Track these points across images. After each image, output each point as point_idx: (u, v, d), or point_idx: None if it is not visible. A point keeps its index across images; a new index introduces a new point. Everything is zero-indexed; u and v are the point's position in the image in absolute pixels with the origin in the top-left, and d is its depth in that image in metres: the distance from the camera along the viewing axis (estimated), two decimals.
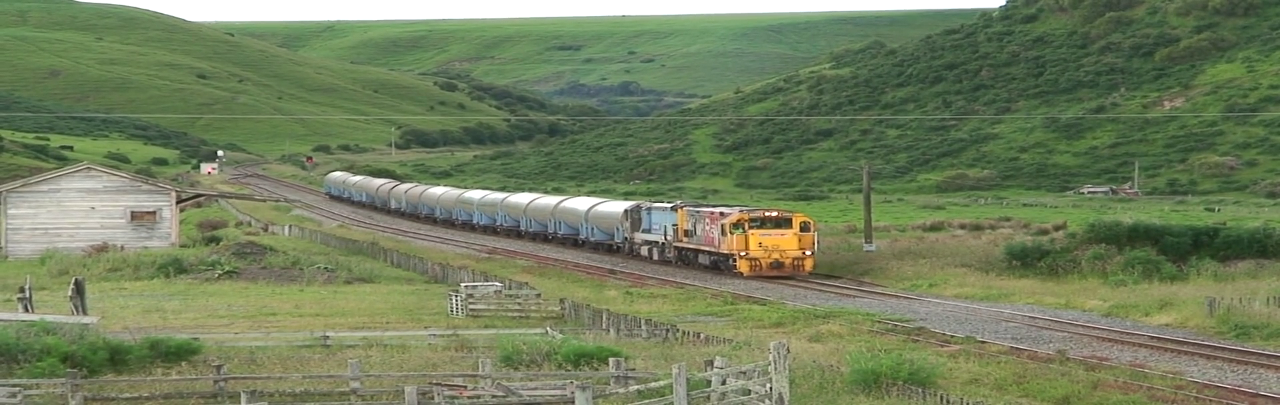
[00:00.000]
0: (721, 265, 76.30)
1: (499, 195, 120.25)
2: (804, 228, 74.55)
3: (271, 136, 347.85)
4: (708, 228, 77.08)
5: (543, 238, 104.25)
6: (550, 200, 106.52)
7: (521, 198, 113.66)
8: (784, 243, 73.84)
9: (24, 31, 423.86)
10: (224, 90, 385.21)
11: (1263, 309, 50.78)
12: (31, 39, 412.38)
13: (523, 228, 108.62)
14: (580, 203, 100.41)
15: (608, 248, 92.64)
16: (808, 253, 74.08)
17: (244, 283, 68.57)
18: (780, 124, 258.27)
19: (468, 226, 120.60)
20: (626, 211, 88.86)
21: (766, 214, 75.95)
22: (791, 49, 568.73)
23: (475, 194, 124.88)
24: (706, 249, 77.58)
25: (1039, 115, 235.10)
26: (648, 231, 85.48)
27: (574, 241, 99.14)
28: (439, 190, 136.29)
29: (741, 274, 73.47)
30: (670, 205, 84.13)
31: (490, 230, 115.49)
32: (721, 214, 76.52)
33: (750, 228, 74.05)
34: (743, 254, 73.72)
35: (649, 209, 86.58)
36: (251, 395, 31.35)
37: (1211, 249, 69.80)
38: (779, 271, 73.35)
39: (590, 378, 34.34)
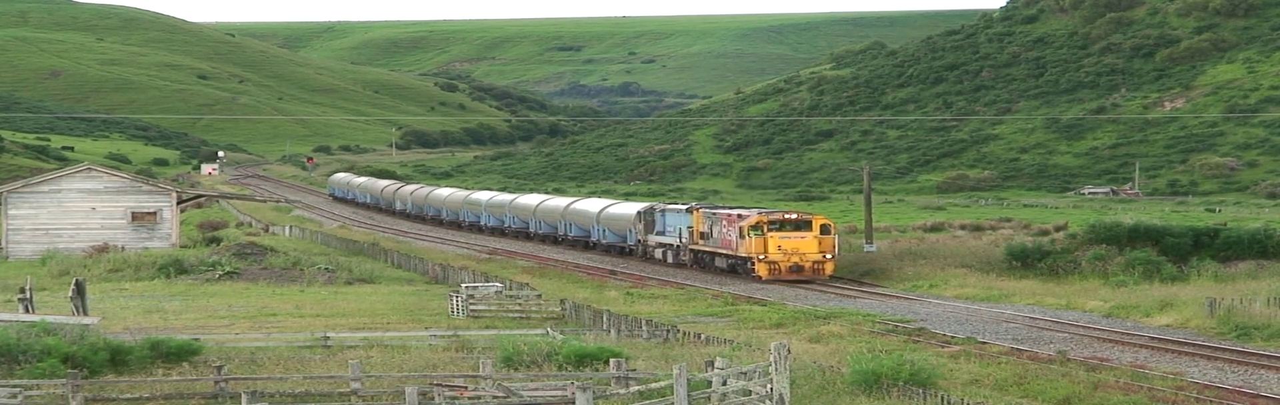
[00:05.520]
0: (739, 269, 74.04)
1: (507, 197, 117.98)
2: (824, 230, 72.26)
3: (272, 137, 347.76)
4: (725, 230, 74.84)
5: (552, 240, 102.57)
6: (560, 202, 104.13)
7: (530, 199, 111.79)
8: (804, 246, 71.55)
9: (24, 32, 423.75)
10: (224, 91, 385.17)
11: (1263, 310, 50.73)
12: (32, 39, 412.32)
13: (532, 229, 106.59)
14: (592, 204, 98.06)
15: (619, 250, 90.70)
16: (828, 256, 71.86)
17: (244, 283, 68.53)
18: (781, 125, 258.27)
19: (475, 228, 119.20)
20: (640, 213, 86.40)
21: (786, 216, 73.20)
22: (792, 50, 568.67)
23: (483, 195, 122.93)
24: (723, 252, 75.36)
25: (1039, 116, 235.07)
26: (661, 234, 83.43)
27: (585, 244, 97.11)
28: (445, 191, 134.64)
29: (760, 278, 71.31)
30: (685, 207, 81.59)
31: (498, 232, 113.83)
32: (739, 216, 74.08)
33: (769, 230, 71.62)
34: (761, 257, 71.45)
35: (663, 211, 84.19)
36: (252, 396, 31.31)
37: (1212, 250, 69.76)
38: (799, 275, 71.06)
39: (591, 378, 34.34)
